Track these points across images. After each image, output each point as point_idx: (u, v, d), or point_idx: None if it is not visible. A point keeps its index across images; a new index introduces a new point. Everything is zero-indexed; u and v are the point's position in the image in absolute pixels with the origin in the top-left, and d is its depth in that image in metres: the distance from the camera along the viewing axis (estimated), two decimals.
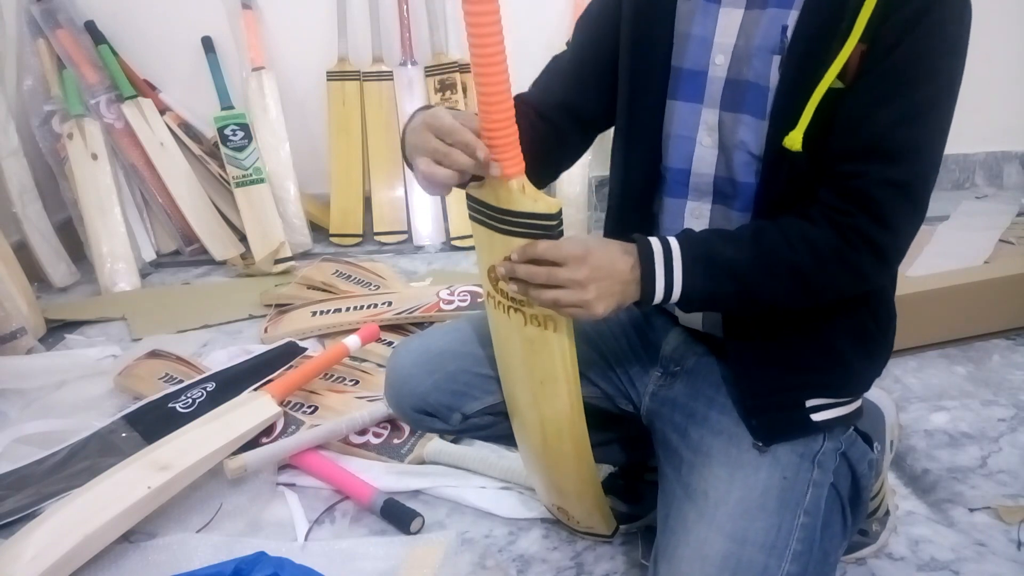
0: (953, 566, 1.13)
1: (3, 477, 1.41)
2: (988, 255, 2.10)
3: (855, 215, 0.82)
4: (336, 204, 2.58)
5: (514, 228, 0.86)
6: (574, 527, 1.21)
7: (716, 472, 0.92)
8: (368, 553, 1.19)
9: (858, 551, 1.13)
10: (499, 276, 0.89)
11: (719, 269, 0.85)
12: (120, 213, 2.36)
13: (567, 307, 0.84)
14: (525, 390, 1.02)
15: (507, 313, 0.95)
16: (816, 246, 0.83)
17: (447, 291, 1.90)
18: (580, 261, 0.83)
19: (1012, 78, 2.71)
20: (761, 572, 0.84)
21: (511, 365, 1.02)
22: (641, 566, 1.15)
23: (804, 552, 0.87)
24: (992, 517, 1.22)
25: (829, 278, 0.85)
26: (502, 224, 0.87)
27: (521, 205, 0.84)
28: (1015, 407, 1.50)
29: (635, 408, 1.07)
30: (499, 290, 0.94)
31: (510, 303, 0.94)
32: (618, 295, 0.85)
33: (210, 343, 1.93)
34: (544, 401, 1.00)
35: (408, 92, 2.53)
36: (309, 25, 2.56)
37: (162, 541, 1.23)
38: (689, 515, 0.90)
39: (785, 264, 0.84)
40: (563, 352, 0.94)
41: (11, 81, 2.39)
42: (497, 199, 0.86)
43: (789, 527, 0.88)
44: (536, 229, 0.85)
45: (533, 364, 0.97)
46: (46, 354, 1.92)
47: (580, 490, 1.11)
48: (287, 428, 1.46)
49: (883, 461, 1.18)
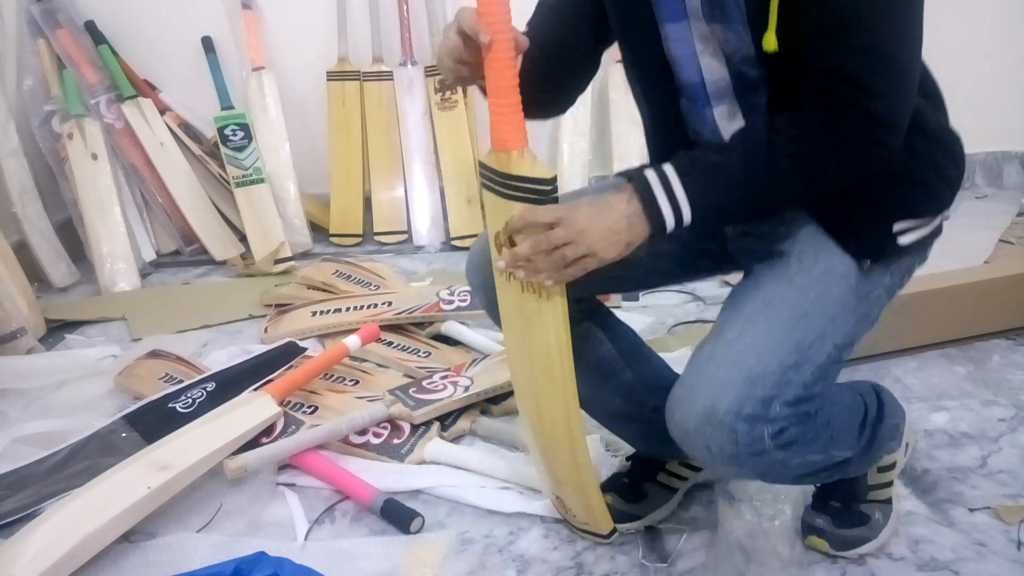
0: (953, 566, 1.13)
1: (3, 477, 1.41)
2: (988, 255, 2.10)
3: (834, 89, 0.83)
4: (336, 204, 2.58)
5: (514, 192, 0.92)
6: (572, 523, 1.21)
7: (791, 280, 0.95)
8: (368, 553, 1.19)
9: (859, 547, 1.13)
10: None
11: (718, 176, 0.87)
12: (120, 213, 2.36)
13: (576, 261, 0.86)
14: (524, 366, 1.04)
15: (508, 281, 0.99)
16: (805, 128, 0.85)
17: (447, 291, 1.90)
18: (571, 214, 0.86)
19: (1012, 78, 2.70)
20: (819, 340, 0.91)
21: (511, 336, 1.04)
22: (641, 566, 1.15)
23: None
24: (992, 517, 1.22)
25: (831, 155, 0.86)
26: (505, 188, 0.93)
27: (520, 170, 0.91)
28: (1015, 407, 1.50)
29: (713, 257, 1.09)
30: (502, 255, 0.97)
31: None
32: (623, 233, 0.87)
33: (210, 343, 1.93)
34: (539, 374, 1.01)
35: (408, 92, 2.53)
36: (309, 25, 2.56)
37: (162, 541, 1.23)
38: (747, 308, 0.94)
39: (782, 154, 0.85)
40: (556, 323, 0.96)
41: (11, 81, 2.39)
42: (499, 164, 0.93)
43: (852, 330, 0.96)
44: (533, 194, 0.90)
45: (530, 334, 0.99)
46: (46, 354, 1.92)
47: (575, 480, 1.11)
48: (287, 428, 1.46)
49: (901, 460, 1.21)
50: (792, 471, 0.97)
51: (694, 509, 1.26)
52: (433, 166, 2.55)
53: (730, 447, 0.88)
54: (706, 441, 0.89)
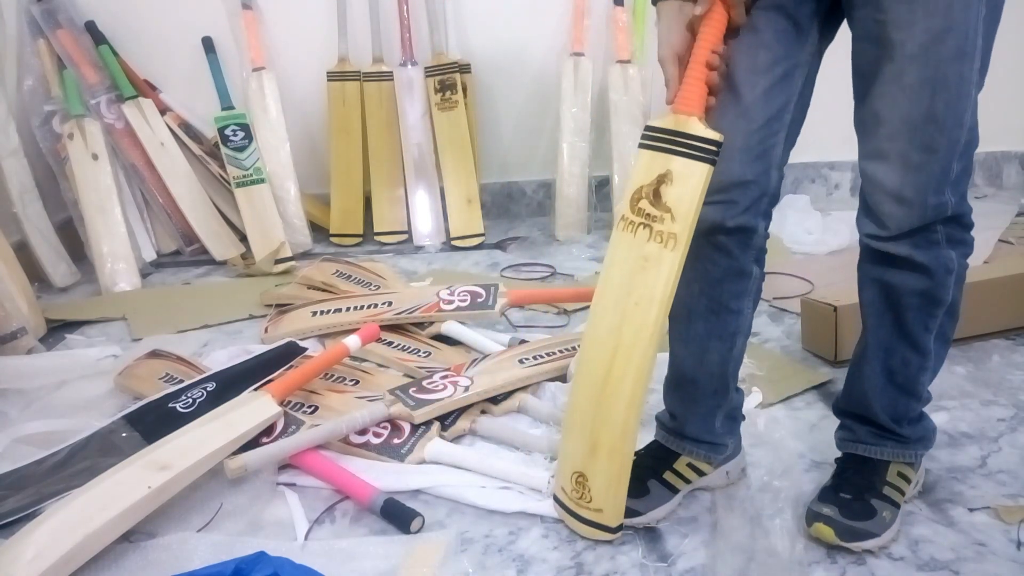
0: (953, 566, 1.13)
1: (3, 477, 1.41)
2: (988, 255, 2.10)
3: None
4: (336, 204, 2.58)
5: (682, 149, 1.05)
6: (578, 515, 1.20)
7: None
8: (368, 553, 1.19)
9: (864, 540, 1.13)
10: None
11: None
12: (120, 213, 2.36)
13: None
14: (614, 313, 1.11)
15: (634, 232, 1.09)
16: None
17: (447, 291, 1.90)
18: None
19: (1012, 78, 2.70)
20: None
21: (610, 286, 1.13)
22: (641, 566, 1.15)
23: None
24: (992, 517, 1.22)
25: None
26: (673, 145, 1.06)
27: (693, 130, 1.04)
28: (1015, 407, 1.50)
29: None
30: (636, 210, 1.09)
31: (642, 220, 1.08)
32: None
33: (210, 343, 1.93)
34: (628, 324, 1.09)
35: (408, 92, 2.53)
36: (309, 25, 2.56)
37: (162, 541, 1.23)
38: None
39: None
40: (670, 275, 1.06)
41: (11, 81, 2.40)
42: (676, 124, 1.06)
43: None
44: (700, 152, 1.04)
45: (636, 284, 1.09)
46: (46, 354, 1.92)
47: (614, 445, 1.13)
48: (287, 428, 1.46)
49: (916, 485, 1.25)
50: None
51: (694, 509, 1.26)
52: (433, 166, 2.56)
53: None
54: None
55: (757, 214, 1.11)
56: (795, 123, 1.12)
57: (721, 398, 1.23)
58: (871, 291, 1.16)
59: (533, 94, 2.61)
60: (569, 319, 1.94)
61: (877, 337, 1.17)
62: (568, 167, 2.54)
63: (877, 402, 1.19)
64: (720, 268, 1.13)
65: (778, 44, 1.06)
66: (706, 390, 1.22)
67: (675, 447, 1.26)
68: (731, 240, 1.10)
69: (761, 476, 1.30)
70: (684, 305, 1.17)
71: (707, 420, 1.24)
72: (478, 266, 2.35)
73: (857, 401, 1.22)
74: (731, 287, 1.15)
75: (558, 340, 1.71)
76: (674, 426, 1.27)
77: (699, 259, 1.12)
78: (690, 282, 1.14)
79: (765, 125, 1.07)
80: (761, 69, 1.06)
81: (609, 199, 2.57)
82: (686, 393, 1.24)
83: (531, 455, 1.40)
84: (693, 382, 1.22)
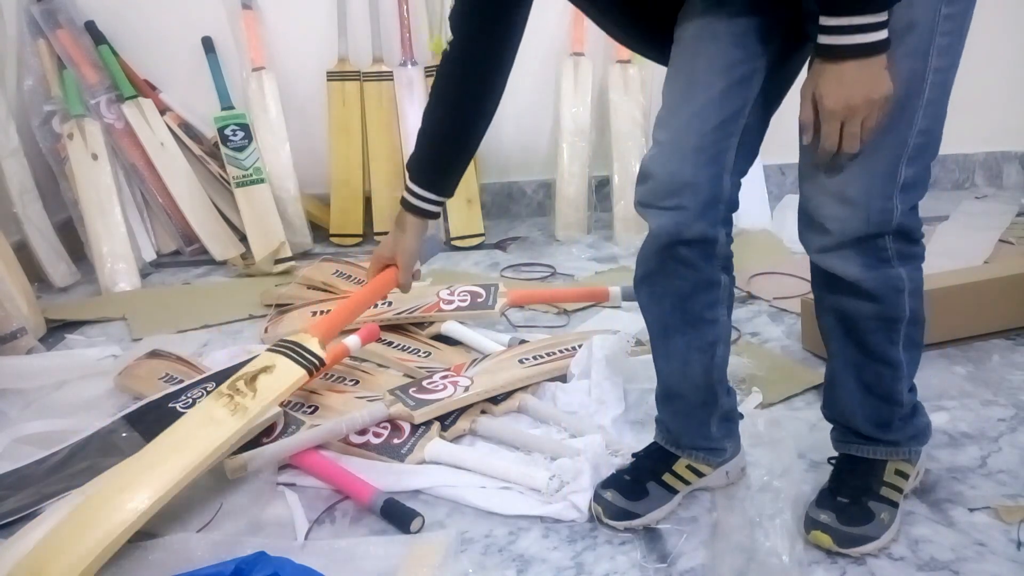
0: (953, 566, 1.13)
1: (3, 477, 1.41)
2: (988, 255, 2.10)
3: None
4: (336, 204, 2.58)
5: (292, 354, 1.34)
6: None
7: None
8: (368, 553, 1.19)
9: (862, 545, 1.13)
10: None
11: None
12: (120, 213, 2.36)
13: (870, 120, 0.96)
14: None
15: (218, 398, 1.29)
16: None
17: (447, 291, 1.90)
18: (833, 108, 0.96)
19: (1012, 78, 2.71)
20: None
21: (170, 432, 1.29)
22: (641, 566, 1.15)
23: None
24: (992, 517, 1.22)
25: None
26: (288, 351, 1.35)
27: (310, 345, 1.35)
28: (1015, 407, 1.50)
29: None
30: (231, 385, 1.29)
31: (230, 393, 1.28)
32: (875, 74, 0.94)
33: (210, 343, 1.93)
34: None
35: (408, 92, 2.53)
36: (309, 25, 2.56)
37: (162, 541, 1.23)
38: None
39: None
40: (226, 435, 1.24)
41: (11, 81, 2.39)
42: (299, 339, 1.36)
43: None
44: (305, 361, 1.33)
45: (194, 433, 1.25)
46: (46, 354, 1.92)
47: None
48: (287, 428, 1.46)
49: (914, 479, 1.24)
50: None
51: (694, 509, 1.26)
52: None
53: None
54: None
55: (715, 223, 1.09)
56: (754, 132, 1.11)
57: (711, 407, 1.22)
58: (829, 318, 1.15)
59: (533, 94, 2.61)
60: (569, 319, 1.94)
61: (844, 358, 1.16)
62: (568, 167, 2.54)
63: (859, 413, 1.18)
64: (688, 282, 1.12)
65: (736, 48, 1.05)
66: (694, 402, 1.22)
67: (674, 450, 1.26)
68: (692, 252, 1.09)
69: (761, 476, 1.30)
70: (660, 321, 1.17)
71: (701, 429, 1.24)
72: (478, 266, 2.35)
73: (840, 412, 1.22)
74: (702, 298, 1.14)
75: (558, 340, 1.71)
76: (671, 436, 1.27)
77: (666, 275, 1.11)
78: (661, 298, 1.14)
79: (720, 126, 1.05)
80: (718, 70, 1.05)
81: (609, 199, 2.57)
82: (676, 407, 1.24)
83: (531, 455, 1.40)
84: (680, 396, 1.22)
